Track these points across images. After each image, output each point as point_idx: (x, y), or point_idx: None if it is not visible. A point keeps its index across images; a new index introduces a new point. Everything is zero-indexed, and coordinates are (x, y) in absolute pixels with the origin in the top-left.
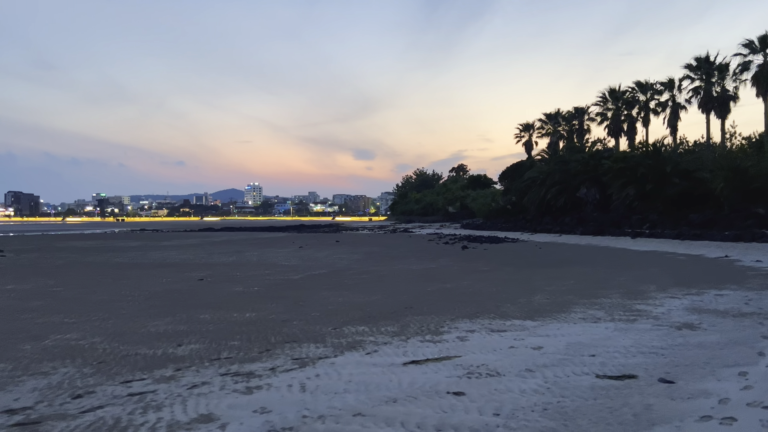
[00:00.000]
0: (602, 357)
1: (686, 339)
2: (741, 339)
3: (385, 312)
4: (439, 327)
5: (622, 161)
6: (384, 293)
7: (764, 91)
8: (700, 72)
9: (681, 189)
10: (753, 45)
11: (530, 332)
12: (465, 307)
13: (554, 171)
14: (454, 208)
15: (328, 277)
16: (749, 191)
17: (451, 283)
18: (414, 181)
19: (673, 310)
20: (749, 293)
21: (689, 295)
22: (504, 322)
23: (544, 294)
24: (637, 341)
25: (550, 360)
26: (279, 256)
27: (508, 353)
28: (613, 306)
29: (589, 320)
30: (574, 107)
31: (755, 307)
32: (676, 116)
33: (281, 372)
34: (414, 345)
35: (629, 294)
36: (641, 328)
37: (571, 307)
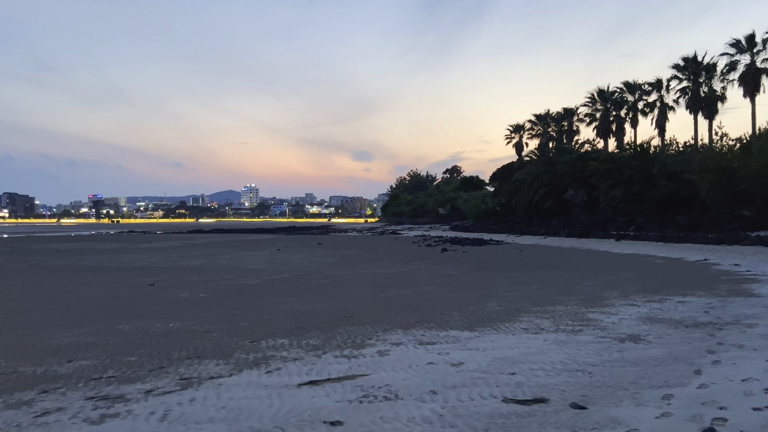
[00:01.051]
0: (523, 375)
1: (624, 354)
2: (683, 354)
3: (321, 322)
4: (366, 339)
5: (609, 162)
6: (333, 300)
7: (751, 91)
8: (687, 72)
9: (668, 191)
10: (740, 45)
11: (460, 345)
12: (408, 316)
13: (542, 172)
14: (445, 209)
15: (286, 282)
16: (736, 193)
17: (409, 289)
18: (408, 183)
19: (625, 320)
20: (713, 300)
21: (651, 302)
22: (440, 332)
23: (500, 301)
24: (570, 356)
25: (463, 379)
26: (251, 260)
27: (421, 371)
28: (565, 315)
29: (531, 331)
30: (564, 108)
31: (714, 316)
32: (664, 117)
33: (155, 395)
34: (326, 361)
35: (588, 301)
36: (582, 340)
37: (520, 315)
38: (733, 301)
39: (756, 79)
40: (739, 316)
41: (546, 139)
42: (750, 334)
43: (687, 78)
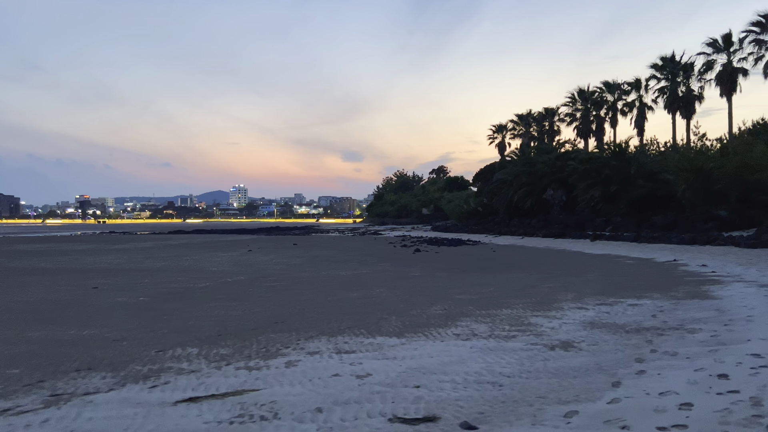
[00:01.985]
0: (427, 389)
1: (547, 363)
2: (609, 363)
3: (247, 328)
4: (282, 348)
5: (588, 162)
6: (273, 305)
7: (728, 90)
8: (665, 72)
9: (645, 191)
10: (717, 44)
11: (380, 353)
12: (343, 321)
13: (522, 173)
14: (429, 210)
15: (237, 285)
16: (712, 193)
17: (361, 292)
18: (394, 183)
19: (567, 325)
20: (667, 303)
21: (602, 305)
22: (365, 339)
23: (448, 304)
24: (489, 366)
25: (360, 394)
26: (216, 261)
27: (320, 385)
28: (507, 319)
29: (462, 337)
30: (545, 108)
31: (660, 320)
32: (643, 117)
33: (12, 415)
34: (223, 374)
35: (538, 304)
36: (511, 347)
37: (460, 320)
38: (687, 303)
39: (733, 79)
40: (686, 320)
41: (528, 139)
42: (689, 340)
43: (665, 78)
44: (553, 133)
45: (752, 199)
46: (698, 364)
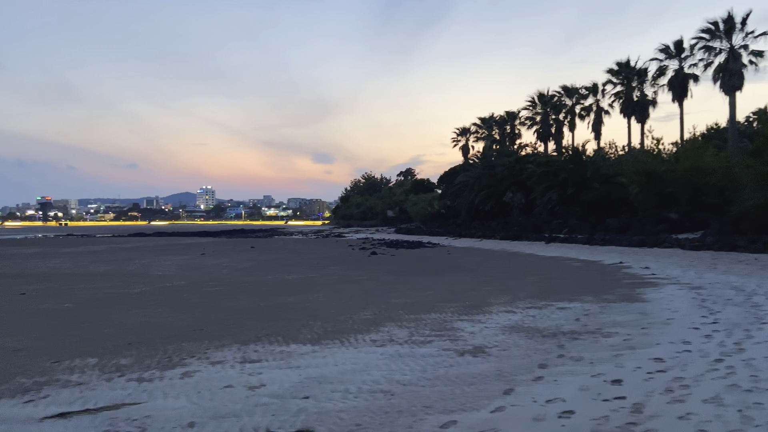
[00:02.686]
0: (316, 400)
1: (450, 370)
2: (511, 369)
3: (161, 337)
4: (186, 358)
5: (546, 166)
6: (200, 311)
7: (679, 95)
8: (621, 77)
9: (600, 193)
10: (669, 50)
11: (285, 362)
12: (264, 328)
13: (482, 175)
14: (394, 212)
15: (174, 290)
16: (663, 196)
17: (297, 297)
18: (362, 185)
19: (488, 329)
20: (595, 306)
21: (532, 308)
22: (277, 347)
23: (379, 308)
24: (390, 373)
25: (242, 407)
26: (163, 265)
27: (207, 397)
28: (431, 323)
29: (378, 343)
30: (506, 111)
31: (581, 324)
32: (600, 121)
33: None
34: (110, 387)
35: (469, 308)
36: (422, 353)
37: (384, 325)
38: (615, 307)
39: (684, 84)
40: (606, 324)
41: (490, 142)
42: (600, 344)
43: (621, 83)
44: (514, 137)
45: (702, 202)
46: (598, 369)
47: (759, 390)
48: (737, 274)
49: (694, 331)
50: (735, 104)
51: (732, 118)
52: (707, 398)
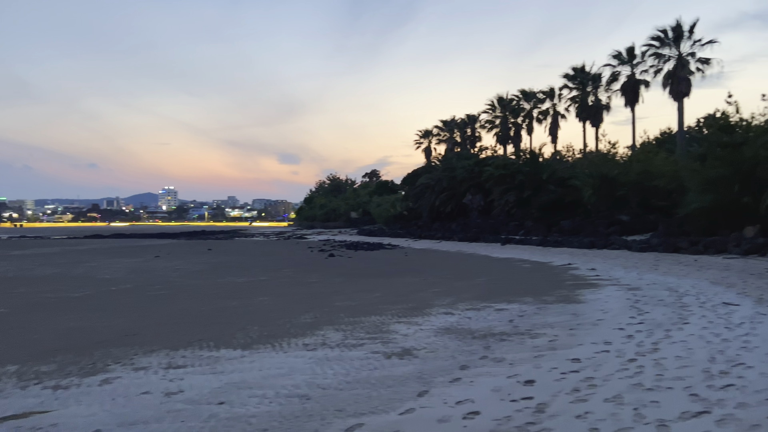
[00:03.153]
0: (231, 405)
1: (373, 373)
2: (433, 371)
3: (91, 342)
4: (111, 364)
5: (503, 168)
6: (139, 316)
7: (631, 101)
8: (576, 81)
9: (555, 196)
10: (621, 56)
11: (210, 368)
12: (201, 332)
13: (443, 178)
14: (357, 214)
15: (118, 294)
16: (615, 198)
17: (242, 300)
18: (327, 187)
19: (422, 331)
20: (532, 307)
21: (471, 309)
22: (207, 353)
23: (321, 311)
24: (313, 377)
25: (156, 413)
26: (114, 268)
27: (121, 404)
28: (368, 326)
29: (310, 347)
30: (467, 114)
31: (512, 325)
32: (556, 124)
33: None
34: (23, 395)
35: (411, 310)
36: (350, 356)
37: (321, 328)
38: (551, 307)
39: (635, 90)
40: (538, 325)
41: (451, 144)
42: (526, 345)
43: (576, 87)
44: (475, 140)
45: (651, 205)
46: (516, 370)
47: (659, 389)
48: (675, 275)
49: (618, 332)
50: (683, 110)
51: (680, 123)
52: (609, 397)
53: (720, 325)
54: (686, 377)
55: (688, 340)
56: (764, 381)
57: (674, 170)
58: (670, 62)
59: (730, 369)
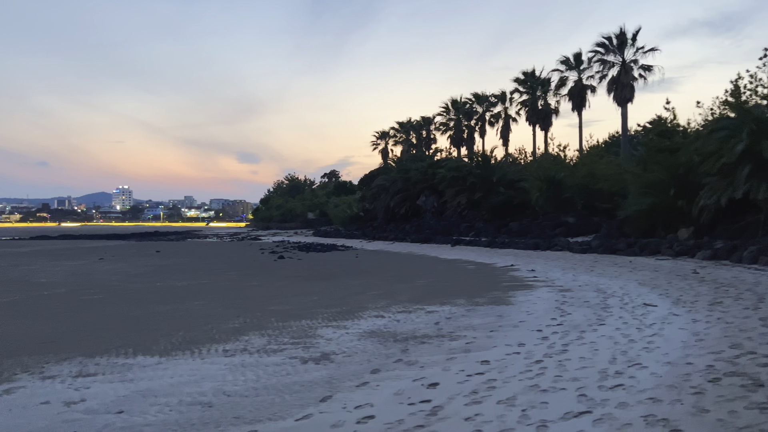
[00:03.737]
0: (130, 414)
1: (284, 378)
2: (344, 375)
3: (7, 350)
4: (19, 373)
5: (456, 171)
6: (62, 322)
7: (578, 105)
8: (527, 86)
9: (504, 198)
10: (569, 62)
11: (121, 376)
12: (123, 338)
13: (398, 179)
14: (315, 214)
15: (50, 299)
16: (562, 201)
17: (175, 305)
18: (285, 187)
19: (348, 335)
20: (461, 309)
21: (403, 312)
22: (122, 360)
23: (252, 316)
24: (223, 384)
25: (49, 423)
26: (53, 271)
27: (17, 414)
28: (294, 331)
29: (230, 353)
30: (422, 116)
31: (437, 327)
32: (508, 127)
33: None
34: None
35: (343, 313)
36: (266, 362)
37: (246, 334)
38: (480, 309)
39: (582, 95)
40: (462, 327)
41: (407, 146)
42: (443, 348)
43: (527, 91)
44: (430, 142)
45: (596, 207)
46: (425, 373)
47: (553, 390)
48: (608, 276)
49: (536, 333)
50: (627, 115)
51: (624, 128)
52: (503, 399)
53: (632, 327)
54: (582, 378)
55: (597, 342)
56: (652, 380)
57: (617, 173)
58: (615, 68)
59: (626, 369)
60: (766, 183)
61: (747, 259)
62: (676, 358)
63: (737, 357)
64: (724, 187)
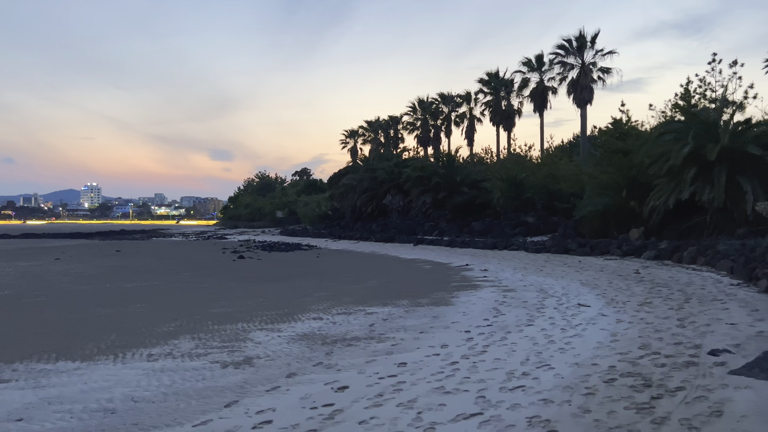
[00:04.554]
0: (29, 422)
1: (198, 383)
2: (257, 380)
3: None
4: None
5: (421, 170)
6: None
7: (540, 107)
8: (491, 86)
9: (467, 198)
10: (531, 63)
11: (35, 382)
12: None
13: (365, 178)
14: (284, 213)
15: None
16: (522, 201)
17: (117, 308)
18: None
19: (279, 338)
20: (400, 310)
21: (343, 314)
22: (41, 365)
23: (190, 320)
24: (134, 390)
25: None
26: (3, 273)
27: None
28: (227, 335)
29: (153, 358)
30: (389, 116)
31: (369, 330)
32: (473, 128)
33: None
34: None
35: (281, 316)
36: (189, 366)
37: (177, 337)
38: (419, 310)
39: (544, 96)
40: (394, 329)
41: (376, 145)
42: (368, 350)
43: (491, 92)
44: (398, 141)
45: (555, 207)
46: (339, 376)
47: (456, 392)
48: (555, 276)
49: (463, 335)
50: (586, 116)
51: (583, 129)
52: (403, 401)
53: (558, 327)
54: (488, 380)
55: (518, 342)
56: (553, 382)
57: (575, 174)
58: (574, 70)
59: (533, 371)
60: (710, 185)
61: (686, 260)
62: (585, 359)
63: (641, 357)
64: (672, 188)
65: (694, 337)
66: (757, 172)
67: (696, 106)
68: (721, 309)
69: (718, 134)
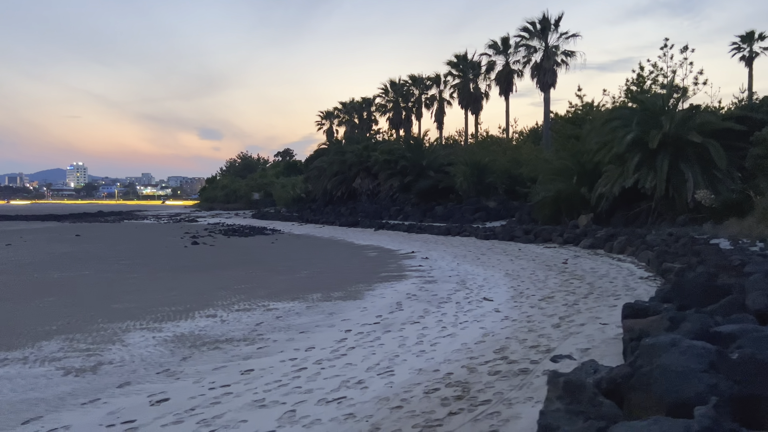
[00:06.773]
0: None
1: (23, 394)
2: (86, 390)
3: None
4: None
5: (389, 154)
6: None
7: (505, 90)
8: (459, 69)
9: (432, 182)
10: (497, 46)
11: None
12: None
13: (335, 161)
14: (260, 195)
15: None
16: (484, 185)
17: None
18: (238, 166)
19: (153, 339)
20: (302, 306)
21: (243, 310)
22: None
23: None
24: None
25: None
26: None
27: None
28: (104, 335)
29: (6, 363)
30: (362, 97)
31: (252, 330)
32: (442, 111)
33: None
34: None
35: (179, 312)
36: (29, 374)
37: (52, 338)
38: (322, 306)
39: (509, 80)
40: (282, 328)
41: (350, 127)
42: (229, 354)
43: (459, 75)
44: (371, 123)
45: (517, 192)
46: (172, 386)
47: (273, 405)
48: (487, 265)
49: (341, 335)
50: (549, 100)
51: (546, 113)
52: (208, 418)
53: (442, 325)
54: (316, 390)
55: (386, 344)
56: (378, 392)
57: (535, 159)
58: (538, 54)
59: (369, 378)
60: (653, 172)
61: (616, 249)
62: (432, 365)
63: (485, 363)
64: (617, 176)
65: (556, 340)
66: (699, 159)
67: (648, 92)
68: (610, 306)
69: (662, 122)
